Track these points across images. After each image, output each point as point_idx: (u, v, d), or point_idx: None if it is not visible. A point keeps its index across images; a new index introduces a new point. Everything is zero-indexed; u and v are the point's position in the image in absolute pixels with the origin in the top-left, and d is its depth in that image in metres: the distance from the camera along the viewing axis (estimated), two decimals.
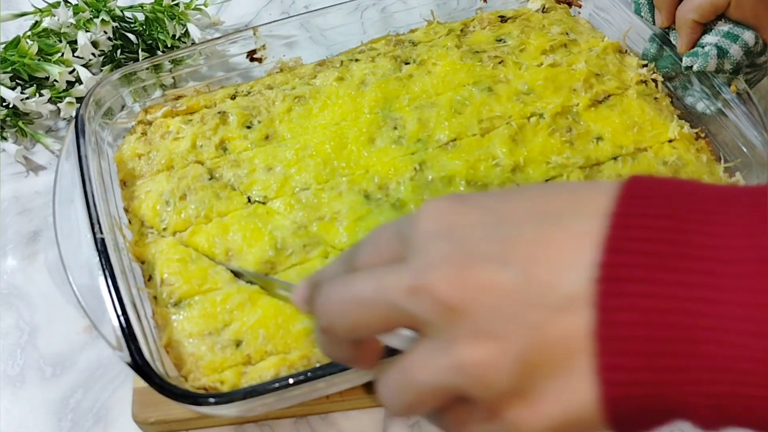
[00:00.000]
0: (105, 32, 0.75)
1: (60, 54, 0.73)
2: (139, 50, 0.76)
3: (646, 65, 0.68)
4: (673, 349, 0.28)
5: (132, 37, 0.78)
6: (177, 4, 0.78)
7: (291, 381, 0.46)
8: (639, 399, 0.29)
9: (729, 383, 0.28)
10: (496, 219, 0.32)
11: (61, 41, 0.75)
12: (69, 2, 0.77)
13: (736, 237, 0.28)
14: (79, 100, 0.70)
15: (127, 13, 0.78)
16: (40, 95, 0.72)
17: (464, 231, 0.32)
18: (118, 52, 0.77)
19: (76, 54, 0.73)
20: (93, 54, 0.74)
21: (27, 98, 0.71)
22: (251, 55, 0.71)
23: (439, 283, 0.31)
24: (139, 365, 0.46)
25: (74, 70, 0.73)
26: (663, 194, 0.30)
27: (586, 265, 0.29)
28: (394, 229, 0.35)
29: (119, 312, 0.48)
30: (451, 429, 0.34)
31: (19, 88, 0.73)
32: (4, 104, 0.72)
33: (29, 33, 0.76)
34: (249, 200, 0.59)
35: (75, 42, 0.74)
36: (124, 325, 0.47)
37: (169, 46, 0.76)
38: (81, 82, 0.73)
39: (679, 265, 0.28)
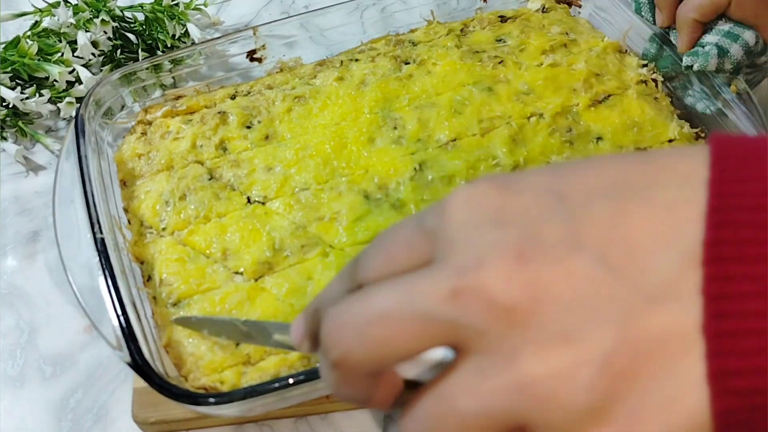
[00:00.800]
0: (105, 32, 0.75)
1: (60, 54, 0.73)
2: (139, 50, 0.76)
3: (646, 65, 0.68)
4: None
5: (132, 37, 0.78)
6: (177, 4, 0.78)
7: (291, 381, 0.46)
8: (756, 411, 0.23)
9: None
10: (555, 198, 0.26)
11: (61, 41, 0.75)
12: (69, 2, 0.77)
13: None
14: (79, 100, 0.70)
15: (127, 13, 0.78)
16: (40, 95, 0.72)
17: (516, 216, 0.25)
18: (118, 52, 0.77)
19: (76, 54, 0.73)
20: (93, 54, 0.74)
21: (27, 98, 0.71)
22: (251, 55, 0.71)
23: (492, 281, 0.24)
24: (139, 365, 0.46)
25: (74, 70, 0.73)
26: (757, 154, 0.24)
27: (685, 244, 0.23)
28: (413, 226, 0.28)
29: (119, 312, 0.48)
30: None
31: (19, 88, 0.73)
32: (4, 104, 0.72)
33: (29, 33, 0.76)
34: (249, 200, 0.59)
35: (75, 42, 0.74)
36: (124, 325, 0.47)
37: (169, 46, 0.76)
38: (81, 82, 0.73)
39: None
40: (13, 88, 0.72)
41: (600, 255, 0.24)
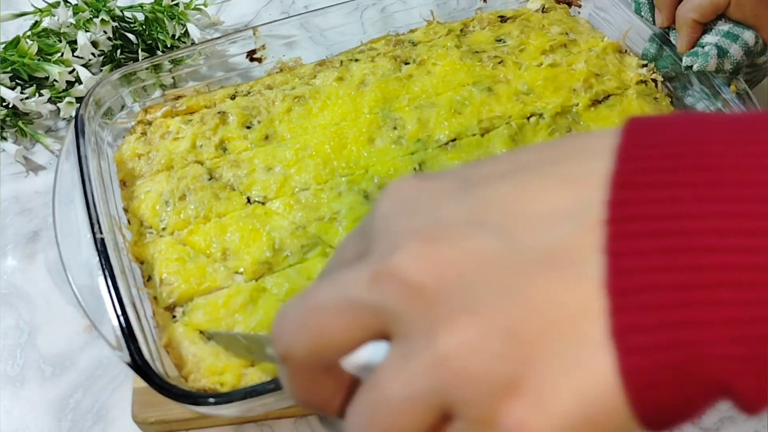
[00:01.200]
0: (105, 32, 0.75)
1: (60, 54, 0.73)
2: (139, 50, 0.76)
3: (646, 65, 0.68)
4: (704, 298, 0.21)
5: (132, 37, 0.78)
6: (177, 4, 0.78)
7: None
8: (667, 370, 0.22)
9: None
10: (466, 184, 0.27)
11: (60, 41, 0.75)
12: (69, 2, 0.77)
13: (763, 157, 0.22)
14: (79, 100, 0.70)
15: (127, 13, 0.78)
16: (40, 95, 0.72)
17: (429, 203, 0.27)
18: (118, 52, 0.77)
19: (75, 54, 0.73)
20: (93, 54, 0.74)
21: (27, 98, 0.71)
22: (251, 55, 0.71)
23: (404, 264, 0.25)
24: (139, 365, 0.46)
25: (74, 70, 0.73)
26: (673, 122, 0.25)
27: (587, 207, 0.23)
28: (356, 229, 0.30)
29: (119, 312, 0.48)
30: None
31: (18, 88, 0.73)
32: (4, 104, 0.72)
33: (29, 33, 0.76)
34: (249, 200, 0.59)
35: (75, 42, 0.74)
36: (124, 325, 0.47)
37: (168, 46, 0.76)
38: (81, 82, 0.73)
39: (704, 194, 0.22)
40: (13, 88, 0.72)
41: (499, 229, 0.24)
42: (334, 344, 0.27)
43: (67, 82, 0.73)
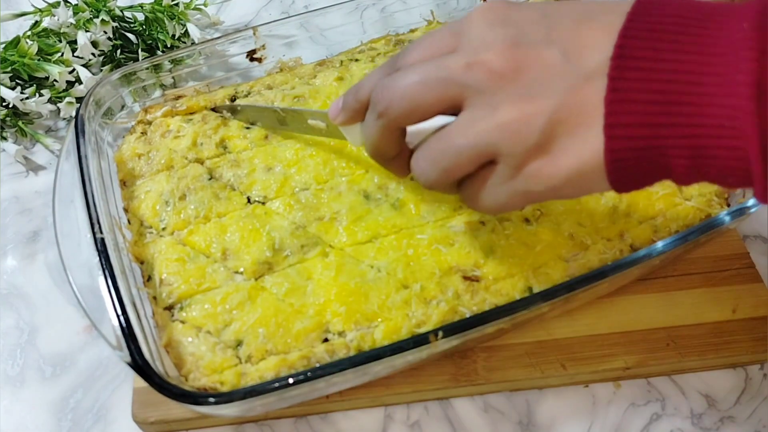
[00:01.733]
0: (105, 32, 0.75)
1: (60, 54, 0.73)
2: (139, 50, 0.76)
3: None
4: (664, 110, 0.34)
5: (132, 37, 0.78)
6: (177, 4, 0.78)
7: (291, 381, 0.46)
8: (634, 152, 0.35)
9: (706, 137, 0.34)
10: (542, 14, 0.39)
11: (61, 41, 0.75)
12: (69, 2, 0.77)
13: (727, 34, 0.34)
14: (79, 100, 0.70)
15: (127, 13, 0.78)
16: (40, 95, 0.72)
17: (515, 21, 0.39)
18: (118, 52, 0.77)
19: (76, 54, 0.73)
20: (93, 54, 0.74)
21: (27, 98, 0.72)
22: (251, 55, 0.71)
23: (492, 57, 0.38)
24: (139, 365, 0.46)
25: (74, 70, 0.73)
26: (674, 2, 0.36)
27: (607, 48, 0.36)
28: (444, 31, 0.41)
29: (119, 312, 0.48)
30: (474, 193, 0.41)
31: (19, 88, 0.73)
32: (4, 104, 0.72)
33: (29, 33, 0.76)
34: (249, 200, 0.59)
35: (75, 42, 0.74)
36: (124, 325, 0.47)
37: (168, 46, 0.76)
38: (81, 82, 0.73)
39: (678, 47, 0.34)
40: (13, 88, 0.72)
41: (561, 49, 0.37)
42: (422, 108, 0.40)
43: (67, 82, 0.73)
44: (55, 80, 0.72)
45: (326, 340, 0.52)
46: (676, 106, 0.34)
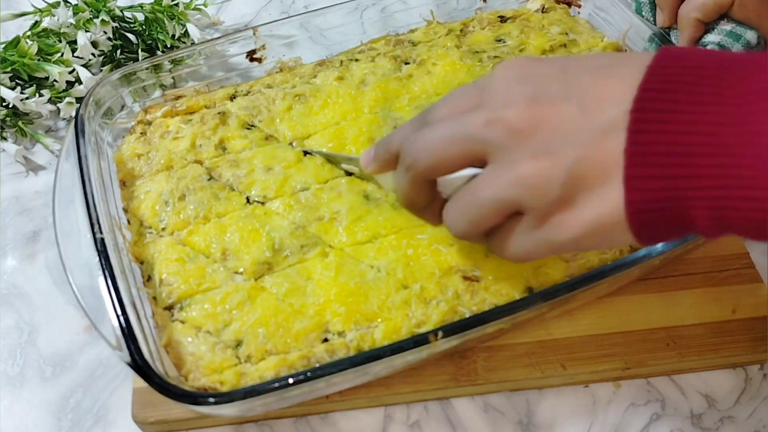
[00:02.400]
0: (105, 32, 0.75)
1: (60, 54, 0.73)
2: (139, 50, 0.76)
3: None
4: (683, 162, 0.34)
5: (132, 37, 0.78)
6: (177, 4, 0.78)
7: (291, 381, 0.46)
8: (655, 204, 0.35)
9: (727, 187, 0.33)
10: (561, 70, 0.40)
11: (60, 41, 0.75)
12: (69, 2, 0.77)
13: (747, 85, 0.34)
14: (79, 100, 0.70)
15: (127, 13, 0.78)
16: (40, 95, 0.72)
17: (535, 78, 0.40)
18: (118, 52, 0.77)
19: (75, 54, 0.73)
20: (93, 54, 0.74)
21: (27, 98, 0.71)
22: (251, 55, 0.71)
23: (511, 114, 0.39)
24: (139, 365, 0.46)
25: (74, 70, 0.73)
26: (693, 55, 0.37)
27: (625, 101, 0.36)
28: (470, 87, 0.43)
29: (119, 312, 0.48)
30: (501, 242, 0.42)
31: (19, 88, 0.73)
32: (4, 104, 0.72)
33: (29, 33, 0.76)
34: (248, 200, 0.59)
35: (75, 42, 0.74)
36: (124, 325, 0.47)
37: (168, 46, 0.76)
38: (81, 82, 0.73)
39: (697, 98, 0.34)
40: (13, 88, 0.72)
41: (580, 102, 0.38)
42: (446, 163, 0.42)
43: (67, 82, 0.73)
44: (55, 80, 0.72)
45: (326, 340, 0.52)
46: (696, 157, 0.34)
